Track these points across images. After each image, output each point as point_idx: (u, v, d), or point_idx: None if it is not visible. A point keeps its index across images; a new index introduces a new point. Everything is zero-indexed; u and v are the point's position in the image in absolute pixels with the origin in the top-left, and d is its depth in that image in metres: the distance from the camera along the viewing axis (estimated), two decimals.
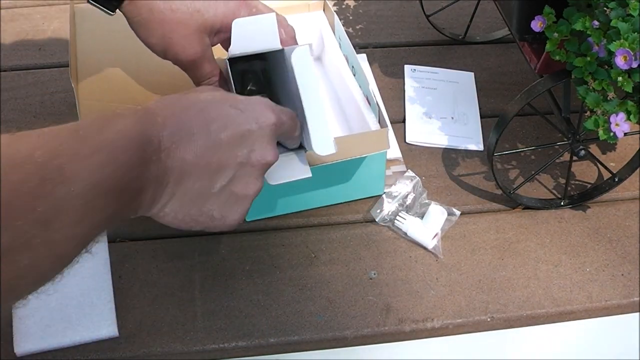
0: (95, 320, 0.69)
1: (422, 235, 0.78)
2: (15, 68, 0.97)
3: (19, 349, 0.67)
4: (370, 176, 0.80)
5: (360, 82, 0.81)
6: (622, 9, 0.66)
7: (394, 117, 0.93)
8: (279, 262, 0.76)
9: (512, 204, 0.83)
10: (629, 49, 0.64)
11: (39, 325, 0.68)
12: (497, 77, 0.99)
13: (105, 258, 0.74)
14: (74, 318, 0.69)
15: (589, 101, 0.68)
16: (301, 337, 0.71)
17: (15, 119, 0.90)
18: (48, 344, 0.67)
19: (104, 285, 0.72)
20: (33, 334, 0.68)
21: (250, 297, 0.73)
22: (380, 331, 0.72)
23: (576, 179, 0.87)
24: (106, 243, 0.75)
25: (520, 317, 0.74)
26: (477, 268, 0.77)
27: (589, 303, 0.75)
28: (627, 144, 0.90)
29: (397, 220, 0.79)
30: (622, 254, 0.79)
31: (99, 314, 0.69)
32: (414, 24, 1.07)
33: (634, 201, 0.85)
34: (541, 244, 0.80)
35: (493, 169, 0.78)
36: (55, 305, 0.69)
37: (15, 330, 0.68)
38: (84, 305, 0.70)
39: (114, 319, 0.69)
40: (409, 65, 1.00)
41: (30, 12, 1.06)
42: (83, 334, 0.68)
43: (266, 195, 0.78)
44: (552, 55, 0.71)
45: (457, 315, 0.73)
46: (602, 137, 0.68)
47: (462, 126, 0.92)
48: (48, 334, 0.68)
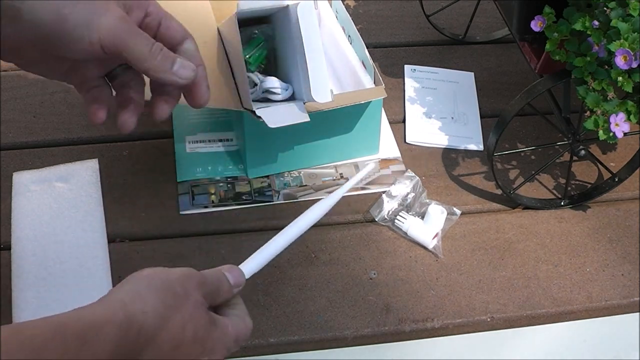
0: None
1: (422, 235, 0.78)
2: (15, 68, 0.96)
3: None
4: (366, 130, 0.84)
5: (356, 48, 0.85)
6: (622, 9, 0.66)
7: (394, 117, 0.93)
8: (279, 262, 0.76)
9: (512, 204, 0.83)
10: (629, 49, 0.64)
11: None
12: (497, 77, 0.99)
13: (105, 258, 0.74)
14: None
15: (589, 101, 0.68)
16: (301, 337, 0.71)
17: (15, 119, 0.90)
18: None
19: (104, 286, 0.71)
20: None
21: (250, 297, 0.73)
22: (380, 331, 0.72)
23: (576, 179, 0.87)
24: (106, 243, 0.75)
25: (520, 317, 0.74)
26: (477, 268, 0.77)
27: (589, 303, 0.75)
28: (627, 144, 0.90)
29: (397, 219, 0.79)
30: (622, 254, 0.79)
31: None
32: (414, 24, 1.07)
33: (634, 201, 0.85)
34: (541, 244, 0.80)
35: (493, 169, 0.78)
36: (55, 305, 0.69)
37: None
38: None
39: None
40: (409, 65, 1.00)
41: None
42: None
43: (266, 150, 0.80)
44: (552, 55, 0.71)
45: (457, 315, 0.73)
46: (602, 137, 0.68)
47: (462, 126, 0.92)
48: None
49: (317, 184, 0.84)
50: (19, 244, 0.74)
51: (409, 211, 0.80)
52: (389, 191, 0.82)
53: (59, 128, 0.89)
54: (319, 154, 0.85)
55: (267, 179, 0.84)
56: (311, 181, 0.84)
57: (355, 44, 0.86)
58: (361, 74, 0.83)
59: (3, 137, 0.87)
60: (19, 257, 0.73)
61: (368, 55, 0.82)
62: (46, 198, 0.78)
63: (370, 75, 0.82)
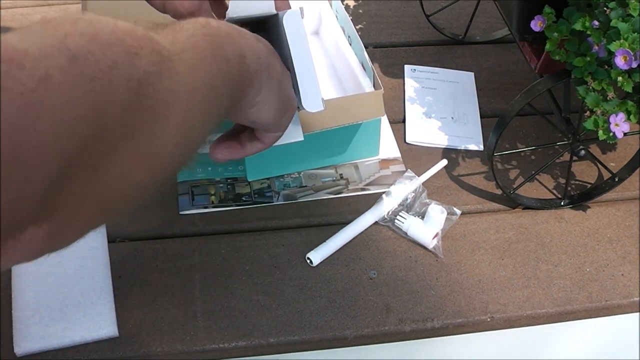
0: (95, 320, 0.69)
1: (422, 235, 0.78)
2: None
3: (19, 349, 0.67)
4: (366, 135, 0.84)
5: (355, 50, 0.85)
6: (622, 9, 0.66)
7: (394, 117, 0.93)
8: (279, 262, 0.76)
9: (512, 204, 0.83)
10: (629, 49, 0.64)
11: (39, 325, 0.68)
12: (497, 77, 0.99)
13: (105, 258, 0.74)
14: (74, 318, 0.69)
15: (589, 101, 0.68)
16: (301, 337, 0.71)
17: None
18: (48, 344, 0.67)
19: (104, 285, 0.72)
20: (33, 334, 0.68)
21: (250, 297, 0.73)
22: (380, 331, 0.72)
23: (576, 179, 0.87)
24: (106, 243, 0.75)
25: (520, 317, 0.74)
26: (477, 268, 0.77)
27: (589, 303, 0.75)
28: (627, 144, 0.90)
29: (397, 220, 0.79)
30: (622, 254, 0.79)
31: (99, 314, 0.69)
32: (414, 24, 1.07)
33: (634, 201, 0.85)
34: (541, 244, 0.80)
35: (493, 169, 0.78)
36: (55, 305, 0.69)
37: (15, 330, 0.68)
38: (84, 305, 0.70)
39: (114, 319, 0.69)
40: (409, 65, 1.00)
41: (30, 12, 1.06)
42: (83, 334, 0.68)
43: (266, 154, 0.81)
44: (552, 55, 0.71)
45: (457, 315, 0.73)
46: (602, 137, 0.68)
47: (462, 126, 0.92)
48: (48, 334, 0.68)
49: (317, 185, 0.84)
50: None
51: (409, 211, 0.80)
52: (389, 191, 0.82)
53: None
54: (319, 158, 0.85)
55: (267, 180, 0.84)
56: (311, 182, 0.84)
57: (354, 46, 0.86)
58: (361, 77, 0.83)
59: None
60: None
61: (367, 57, 0.82)
62: None
63: (370, 78, 0.82)
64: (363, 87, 0.82)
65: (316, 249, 0.76)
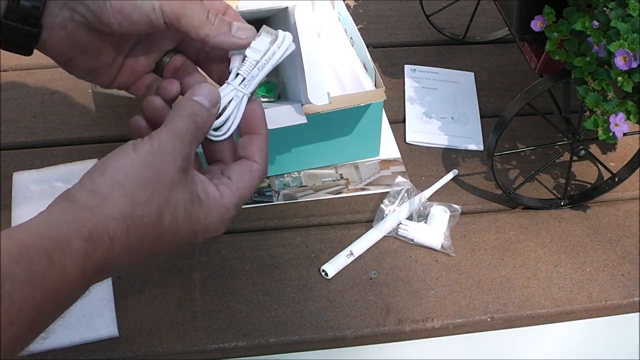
0: (95, 320, 0.69)
1: (430, 239, 0.77)
2: (15, 68, 0.97)
3: None
4: (367, 133, 0.84)
5: (357, 50, 0.85)
6: (621, 9, 0.66)
7: (394, 117, 0.93)
8: (279, 262, 0.76)
9: (512, 204, 0.83)
10: (629, 49, 0.64)
11: None
12: (497, 77, 0.99)
13: None
14: (73, 318, 0.69)
15: (589, 101, 0.68)
16: (301, 337, 0.71)
17: (15, 119, 0.90)
18: (48, 344, 0.67)
19: (103, 285, 0.72)
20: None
21: (250, 297, 0.73)
22: (380, 331, 0.72)
23: (576, 179, 0.87)
24: None
25: (520, 317, 0.74)
26: (477, 268, 0.77)
27: (589, 303, 0.75)
28: (627, 144, 0.90)
29: (400, 228, 0.79)
30: (622, 254, 0.79)
31: (99, 314, 0.69)
32: (414, 24, 1.07)
33: (634, 201, 0.85)
34: (541, 244, 0.80)
35: (493, 169, 0.78)
36: None
37: None
38: (83, 305, 0.70)
39: (114, 319, 0.70)
40: (409, 65, 1.00)
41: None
42: (83, 334, 0.68)
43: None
44: (552, 55, 0.71)
45: (457, 315, 0.73)
46: (602, 137, 0.68)
47: (462, 126, 0.92)
48: (48, 334, 0.68)
49: (317, 185, 0.84)
50: None
51: (412, 216, 0.80)
52: (395, 209, 0.80)
53: (59, 128, 0.89)
54: (319, 157, 0.85)
55: (267, 180, 0.84)
56: (311, 182, 0.84)
57: (356, 46, 0.86)
58: (362, 76, 0.83)
59: (3, 137, 0.87)
60: None
61: (369, 57, 0.82)
62: (46, 198, 0.78)
63: (371, 77, 0.82)
64: (364, 86, 0.82)
65: (330, 262, 0.75)
